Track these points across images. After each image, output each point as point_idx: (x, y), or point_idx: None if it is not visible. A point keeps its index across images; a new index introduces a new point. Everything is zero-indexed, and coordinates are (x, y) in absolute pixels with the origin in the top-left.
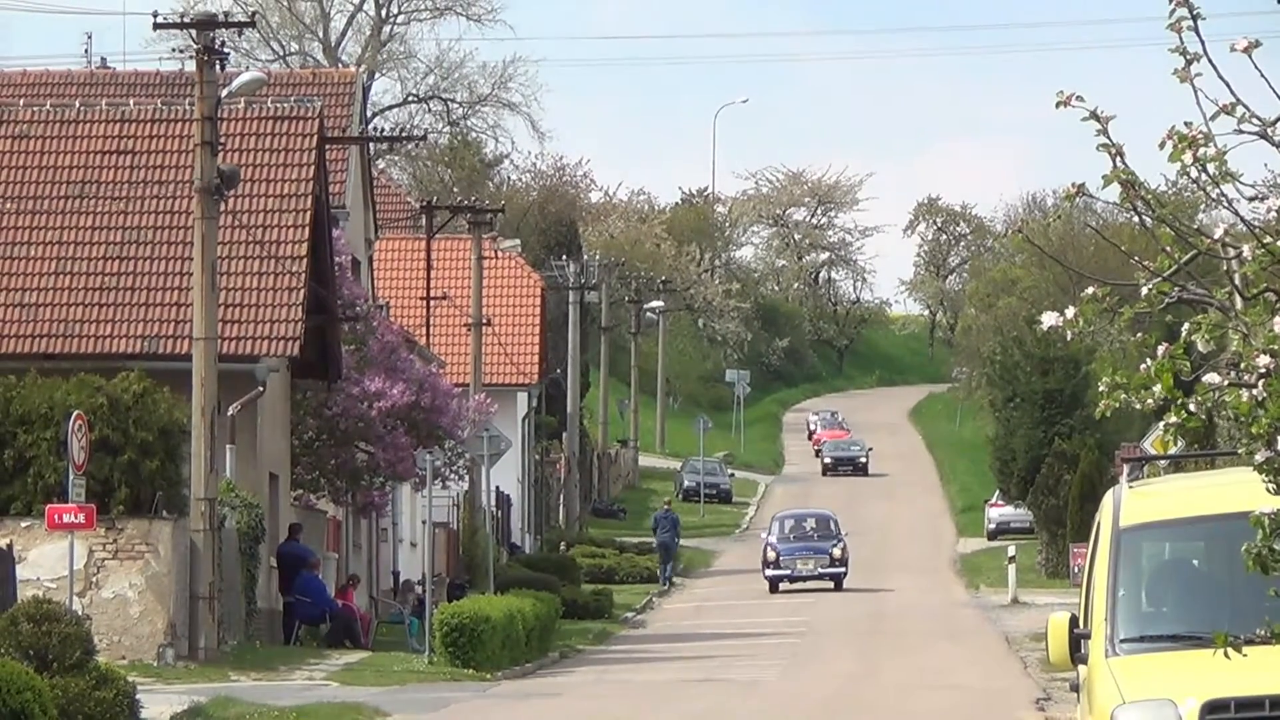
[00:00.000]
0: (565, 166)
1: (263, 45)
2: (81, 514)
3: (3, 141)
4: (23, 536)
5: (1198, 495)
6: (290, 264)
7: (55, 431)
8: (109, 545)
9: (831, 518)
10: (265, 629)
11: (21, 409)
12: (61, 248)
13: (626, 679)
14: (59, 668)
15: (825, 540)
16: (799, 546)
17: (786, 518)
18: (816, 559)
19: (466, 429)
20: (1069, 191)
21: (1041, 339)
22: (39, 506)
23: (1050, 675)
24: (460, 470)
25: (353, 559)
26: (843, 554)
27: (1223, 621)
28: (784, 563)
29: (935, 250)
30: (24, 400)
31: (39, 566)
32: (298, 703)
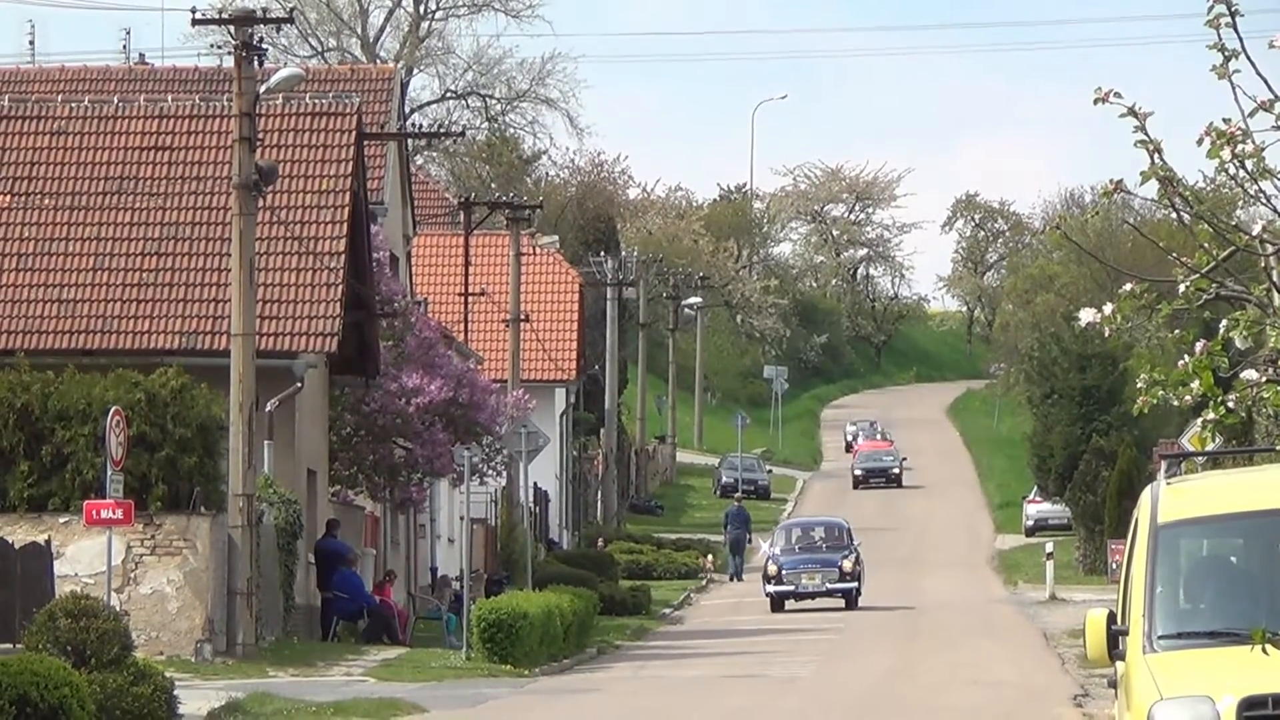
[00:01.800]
0: (603, 163)
1: (301, 41)
2: (119, 510)
3: (41, 137)
4: (61, 532)
5: (1236, 492)
6: (328, 260)
7: (93, 427)
8: (147, 541)
9: (843, 526)
10: (303, 625)
11: (60, 405)
12: (100, 244)
13: (664, 675)
14: (97, 663)
15: (835, 552)
16: (804, 559)
17: (792, 526)
18: (824, 573)
19: (504, 425)
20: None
21: (1079, 335)
22: (77, 502)
23: (1088, 672)
24: (498, 466)
25: (390, 555)
26: (854, 567)
27: (1260, 618)
28: (787, 578)
29: (973, 246)
30: (62, 396)
31: (77, 562)
32: (335, 699)
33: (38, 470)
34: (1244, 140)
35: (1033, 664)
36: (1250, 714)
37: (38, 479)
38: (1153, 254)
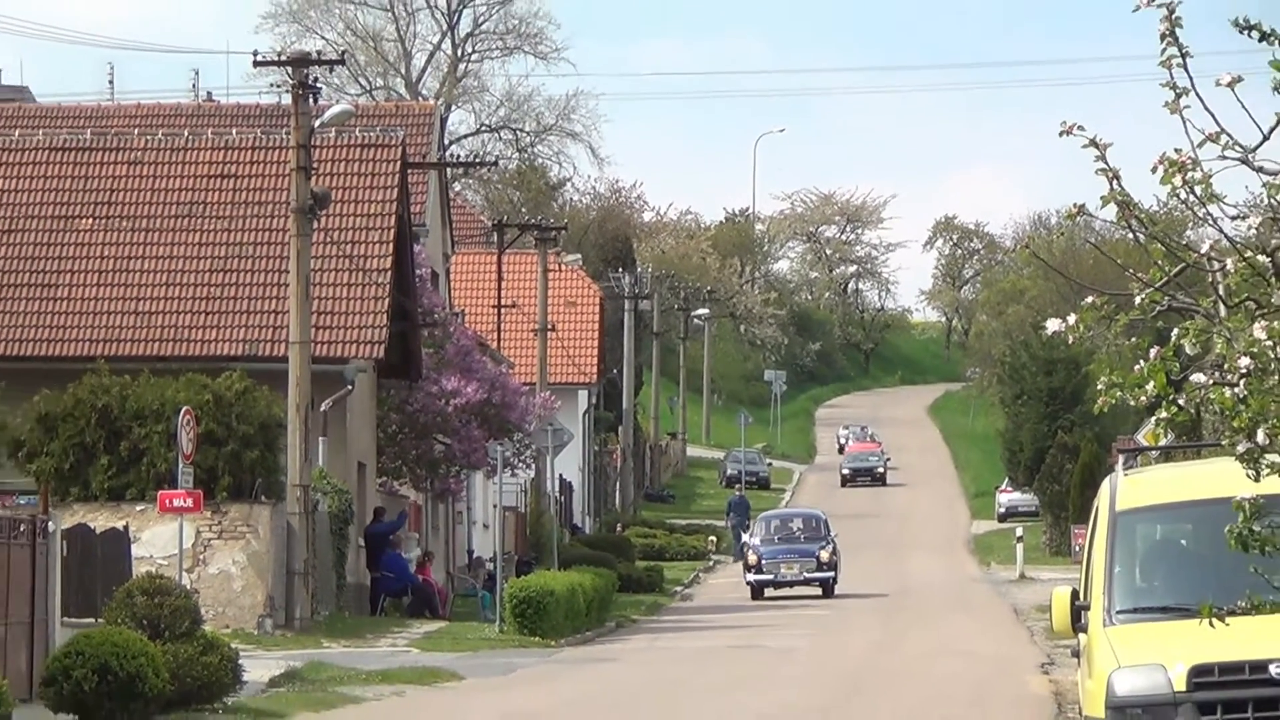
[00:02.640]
0: (621, 189)
1: (351, 81)
2: (190, 499)
3: (120, 167)
4: (137, 519)
5: (1186, 482)
6: (376, 276)
7: (166, 425)
8: (214, 527)
9: (820, 518)
10: (353, 601)
11: (136, 405)
12: (171, 261)
13: (676, 646)
14: (170, 636)
15: (812, 542)
16: (783, 549)
17: (771, 517)
18: (802, 563)
19: (533, 423)
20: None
21: (1046, 343)
22: (152, 492)
23: (1054, 643)
24: (527, 460)
25: (431, 539)
26: (831, 557)
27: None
28: (766, 567)
29: (951, 264)
30: (138, 398)
31: (152, 545)
32: (382, 667)
33: (117, 464)
34: (1193, 168)
35: (1004, 636)
36: (1199, 680)
37: (117, 471)
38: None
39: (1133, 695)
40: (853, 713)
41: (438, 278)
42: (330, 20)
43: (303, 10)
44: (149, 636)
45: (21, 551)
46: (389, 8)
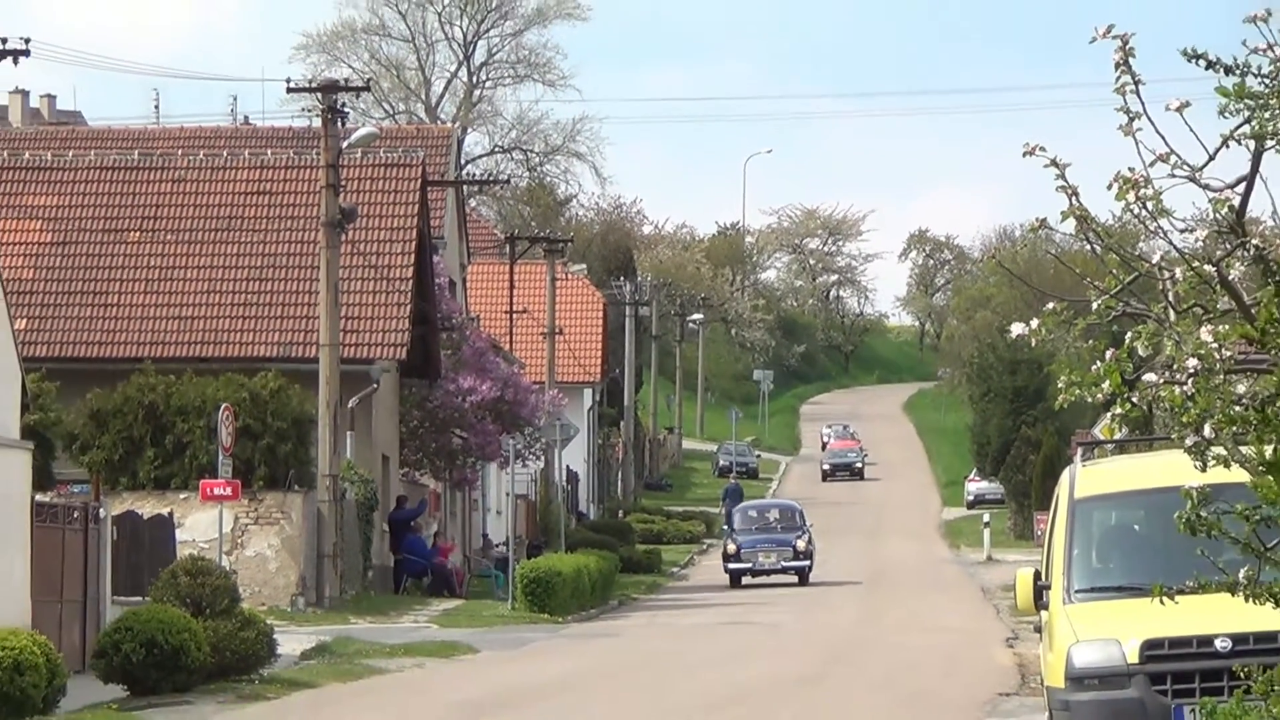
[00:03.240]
0: (622, 205)
1: (376, 106)
2: (229, 488)
3: (165, 184)
4: (181, 506)
5: (1139, 473)
6: (398, 284)
7: (207, 421)
8: (251, 513)
9: (796, 509)
10: (378, 581)
11: (180, 402)
12: (212, 271)
13: (673, 622)
14: (211, 613)
15: (789, 532)
16: (761, 539)
17: (749, 508)
18: (779, 552)
19: (542, 418)
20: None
21: (1011, 345)
22: (194, 482)
23: (1018, 619)
24: (537, 452)
25: (449, 525)
26: (807, 546)
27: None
28: (745, 555)
29: (924, 273)
30: (182, 395)
31: (194, 530)
32: (405, 641)
33: (162, 456)
34: (1146, 186)
35: (973, 613)
36: (1150, 653)
37: (162, 463)
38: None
39: (1090, 667)
40: (833, 680)
41: (455, 286)
42: (357, 51)
43: (332, 42)
44: (192, 613)
45: (75, 536)
46: (410, 39)
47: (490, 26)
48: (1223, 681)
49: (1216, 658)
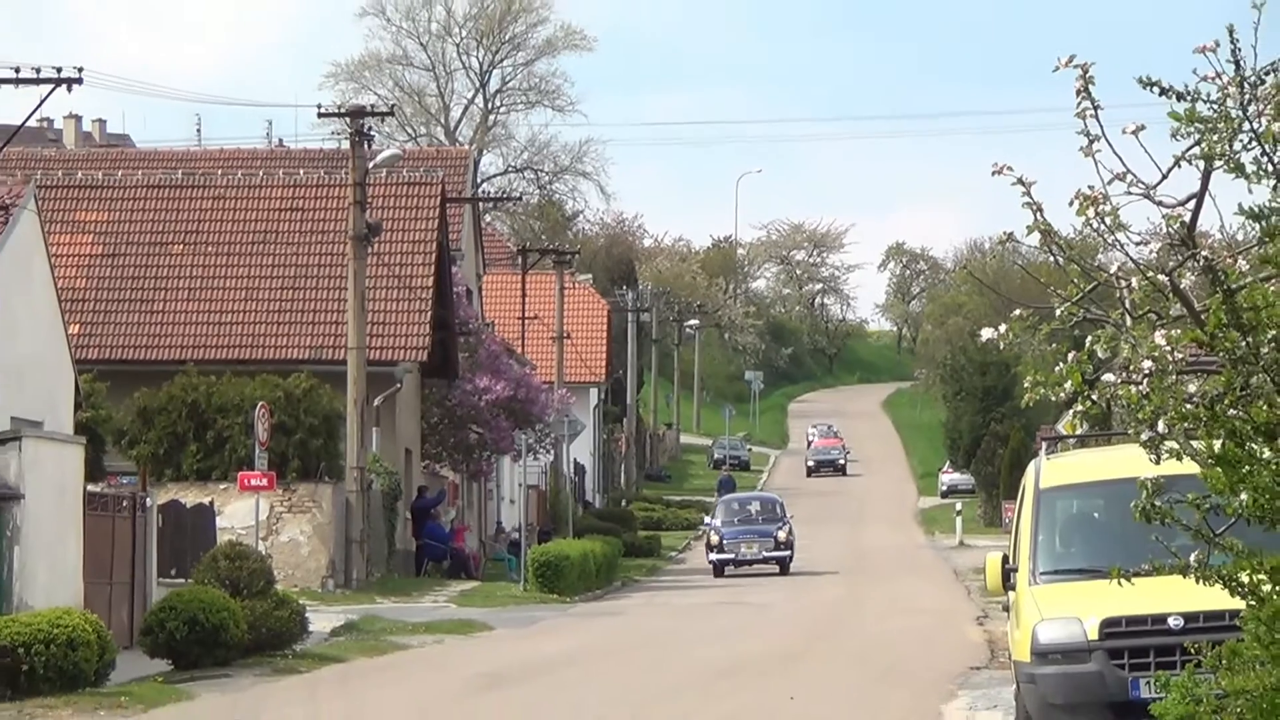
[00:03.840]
0: (625, 220)
1: (399, 129)
2: (265, 479)
3: (206, 201)
4: (220, 496)
5: (1098, 465)
6: (419, 293)
7: (245, 417)
8: (285, 502)
9: (777, 501)
10: (401, 565)
11: (219, 400)
12: (249, 280)
13: (671, 602)
14: (248, 593)
15: (770, 523)
16: (743, 530)
17: (731, 501)
18: (761, 543)
19: (552, 415)
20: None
21: (981, 348)
22: (233, 473)
23: (988, 599)
24: (547, 446)
25: (466, 513)
26: (788, 537)
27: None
28: (728, 546)
29: (901, 282)
30: (221, 394)
31: (233, 518)
32: (426, 619)
33: (203, 449)
34: (1104, 202)
35: (946, 594)
36: (1109, 630)
37: (203, 456)
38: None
39: (1053, 643)
40: (818, 655)
41: (472, 294)
42: (382, 79)
43: (359, 71)
44: (230, 594)
45: (124, 523)
46: (431, 69)
47: (504, 57)
48: (1175, 656)
49: (1170, 634)
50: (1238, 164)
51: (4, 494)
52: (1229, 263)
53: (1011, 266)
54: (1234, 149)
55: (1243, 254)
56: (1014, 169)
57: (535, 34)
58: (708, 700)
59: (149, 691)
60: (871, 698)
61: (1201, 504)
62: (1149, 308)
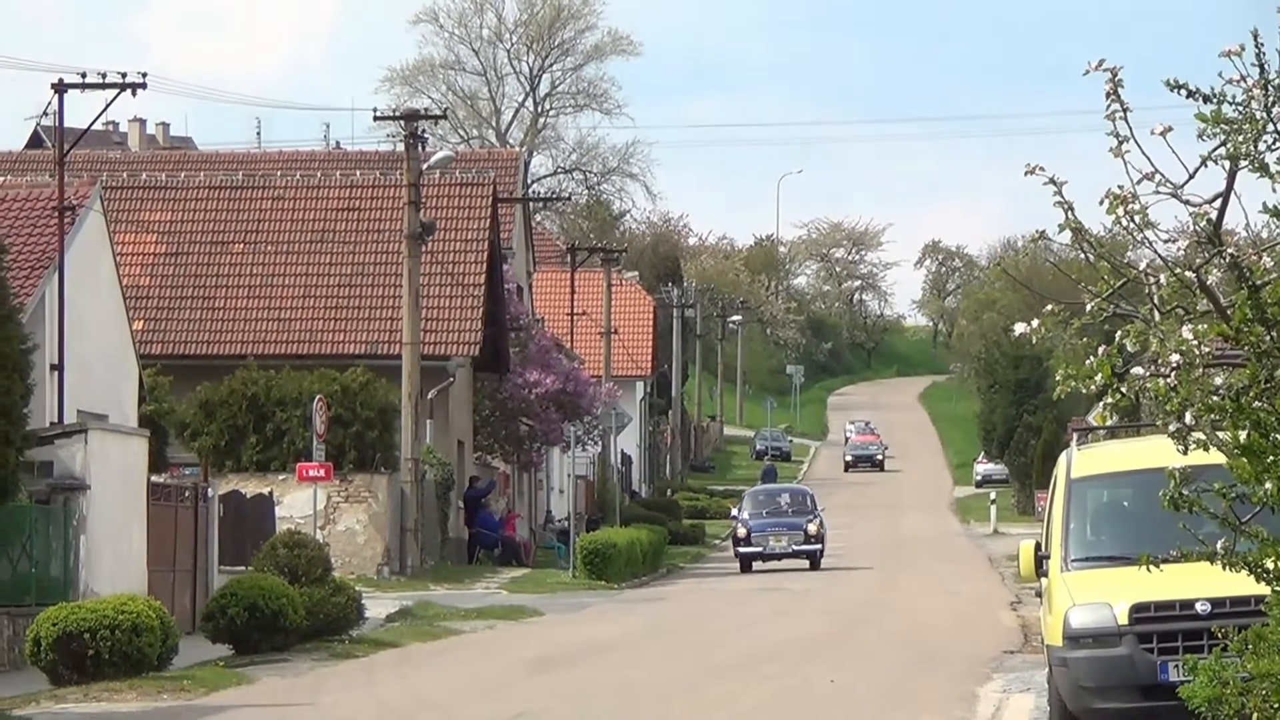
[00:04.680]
0: (670, 219)
1: (452, 132)
2: (322, 470)
3: (265, 202)
4: (280, 486)
5: (1128, 456)
6: (472, 290)
7: (303, 410)
8: (342, 492)
9: (807, 493)
10: (454, 552)
11: (279, 394)
12: (307, 278)
13: (715, 588)
14: (306, 580)
15: (799, 516)
16: (771, 523)
17: (759, 492)
18: (790, 535)
19: (600, 408)
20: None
21: (1014, 342)
22: (291, 465)
23: (1021, 586)
24: (595, 437)
25: (517, 502)
26: (819, 530)
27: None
28: (755, 540)
29: (937, 279)
30: (280, 388)
31: (292, 508)
32: (478, 605)
33: (263, 441)
34: (1133, 201)
35: (981, 580)
36: (1138, 615)
37: (263, 448)
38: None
39: (1084, 628)
40: (857, 639)
41: (522, 291)
42: (435, 83)
43: (413, 75)
44: (289, 581)
45: (186, 512)
46: (483, 73)
47: (553, 62)
48: (1203, 641)
49: (1197, 619)
50: (1262, 164)
51: (70, 485)
52: (1254, 259)
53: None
54: (1259, 149)
55: (1267, 251)
56: (1046, 169)
57: (584, 40)
58: (751, 682)
59: (210, 675)
60: (909, 680)
61: (1227, 493)
62: (1177, 303)
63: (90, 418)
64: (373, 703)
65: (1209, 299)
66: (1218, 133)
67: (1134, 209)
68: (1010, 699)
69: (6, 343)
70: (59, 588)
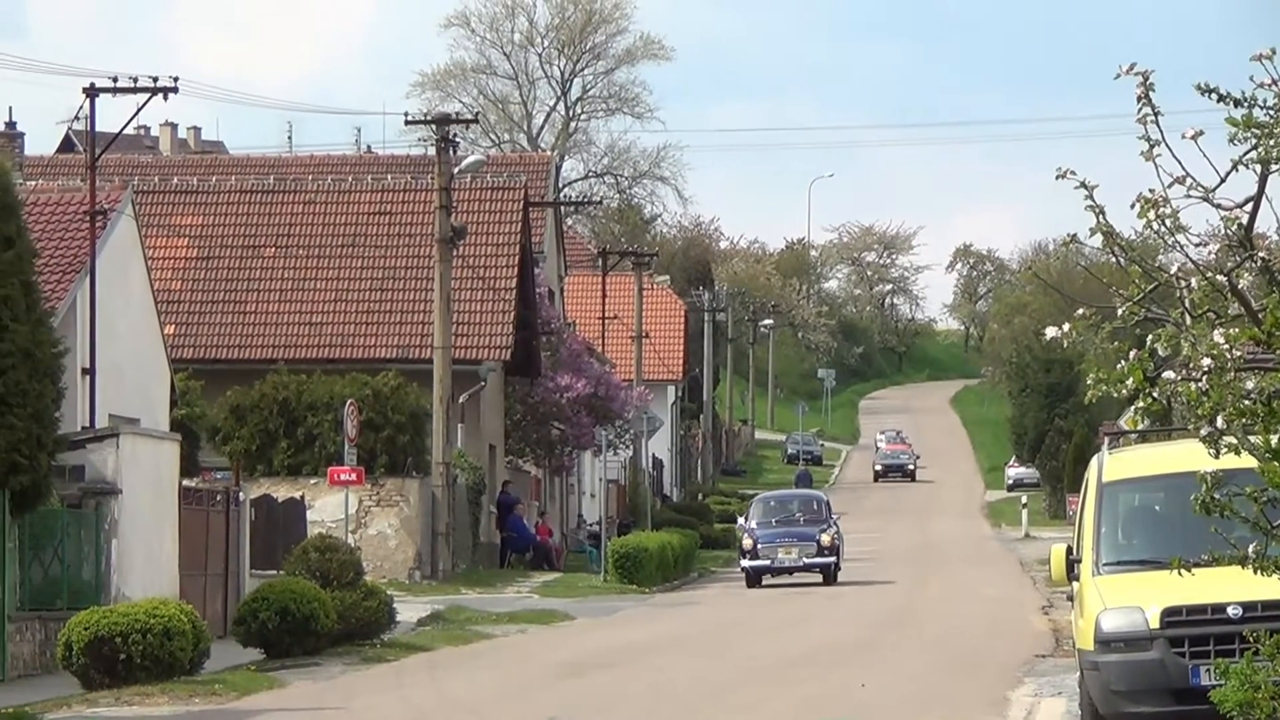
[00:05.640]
0: (701, 223)
1: (483, 136)
2: (354, 474)
3: (297, 206)
4: (311, 490)
5: (1159, 459)
6: (503, 294)
7: (334, 415)
8: (373, 496)
9: (821, 499)
10: (485, 557)
11: (310, 398)
12: (339, 282)
13: (746, 592)
14: (337, 585)
15: (812, 525)
16: (781, 533)
17: (769, 498)
18: (801, 547)
19: (631, 412)
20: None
21: (1046, 346)
22: (323, 469)
23: (1052, 590)
24: (626, 441)
25: (548, 506)
26: (833, 541)
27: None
28: (763, 552)
29: (968, 283)
30: (312, 392)
31: (323, 512)
32: (509, 609)
33: (294, 446)
34: (1164, 205)
35: (1012, 584)
36: (1170, 619)
37: (294, 452)
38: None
39: (1116, 631)
40: (889, 641)
41: (554, 295)
42: (467, 88)
43: (444, 80)
44: (320, 585)
45: (218, 517)
46: (514, 77)
47: (585, 66)
48: (1234, 645)
49: (1229, 623)
50: None
51: (102, 489)
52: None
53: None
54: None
55: None
56: (1077, 173)
57: (615, 44)
58: (783, 686)
59: (242, 679)
60: (940, 684)
61: (1259, 497)
62: (1208, 307)
63: (122, 422)
64: (404, 706)
65: (1240, 303)
66: (1249, 137)
67: (1165, 213)
68: (1041, 703)
69: (38, 347)
70: (90, 592)
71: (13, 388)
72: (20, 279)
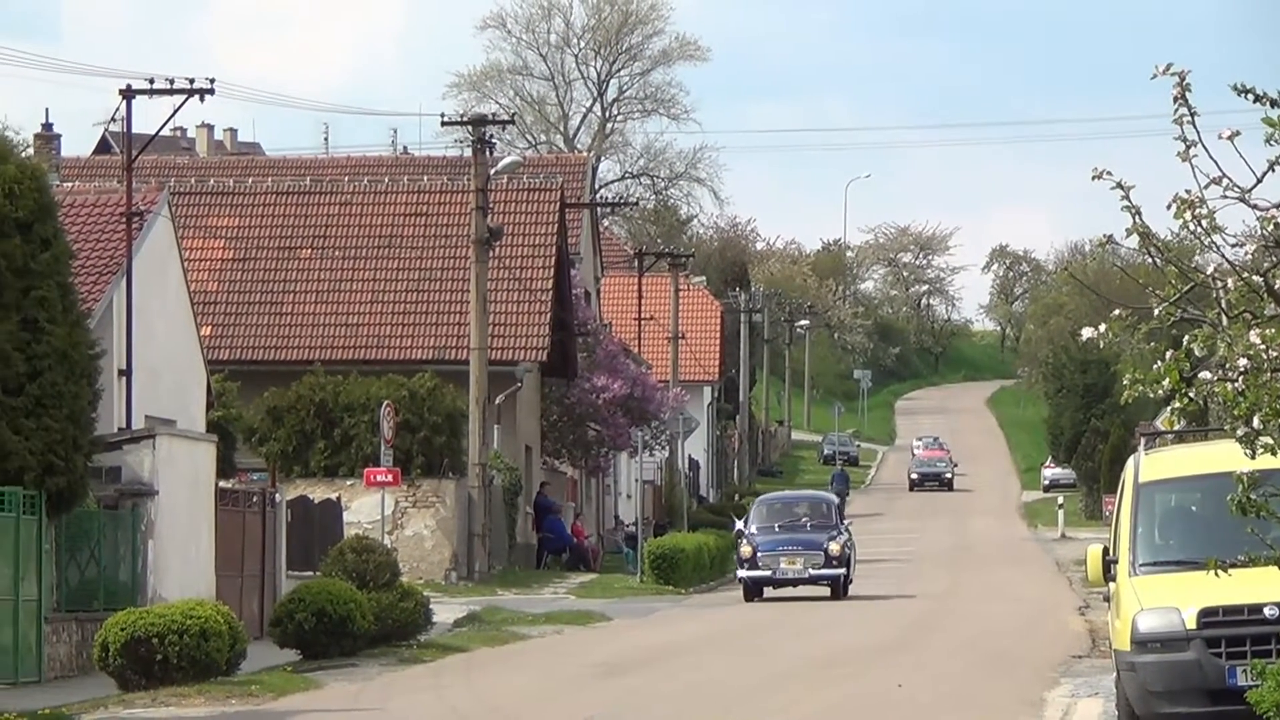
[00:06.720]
0: (738, 224)
1: (520, 137)
2: (390, 475)
3: (333, 207)
4: (348, 492)
5: (1195, 460)
6: (539, 295)
7: (371, 416)
8: (410, 497)
9: (830, 502)
10: (522, 557)
11: (346, 400)
12: (375, 284)
13: (783, 593)
14: (374, 586)
15: (820, 532)
16: (784, 540)
17: (771, 500)
18: (807, 557)
19: (667, 413)
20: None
21: (1082, 347)
22: (359, 470)
23: (1089, 590)
24: (663, 442)
25: (585, 508)
26: (843, 551)
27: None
28: (763, 561)
29: (1004, 283)
30: (348, 393)
31: (359, 513)
32: (546, 610)
33: (331, 447)
34: (1201, 206)
35: (1049, 584)
36: (1206, 620)
37: (331, 453)
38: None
39: (1153, 632)
40: (925, 641)
41: (590, 296)
42: (503, 89)
43: (481, 81)
44: (357, 586)
45: (255, 518)
46: (550, 78)
47: (621, 67)
48: (1271, 645)
49: (1265, 624)
50: None
51: (139, 490)
52: None
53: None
54: None
55: None
56: (1113, 173)
57: (651, 45)
58: (819, 686)
59: (278, 680)
60: (976, 685)
61: None
62: (1244, 307)
63: (158, 423)
64: (441, 707)
65: (1277, 303)
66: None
67: (1201, 213)
68: (1078, 704)
69: (74, 348)
70: (127, 593)
71: (49, 389)
72: (57, 280)
